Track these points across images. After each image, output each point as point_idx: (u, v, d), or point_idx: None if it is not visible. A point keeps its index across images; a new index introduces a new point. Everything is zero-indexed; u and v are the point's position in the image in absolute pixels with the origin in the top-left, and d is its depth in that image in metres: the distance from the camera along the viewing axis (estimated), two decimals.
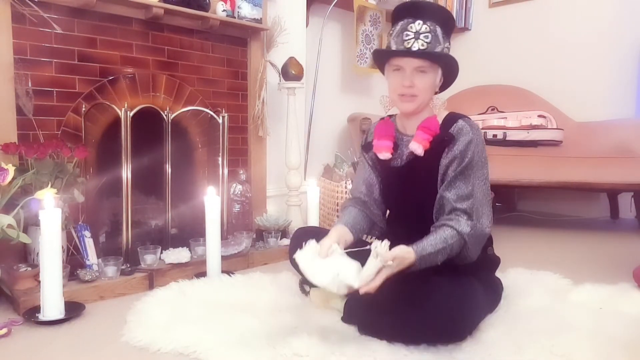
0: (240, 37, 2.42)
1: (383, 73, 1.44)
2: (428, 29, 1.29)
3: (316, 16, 2.99)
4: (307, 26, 2.87)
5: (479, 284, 1.34)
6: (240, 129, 2.48)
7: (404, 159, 1.42)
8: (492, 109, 3.18)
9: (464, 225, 1.28)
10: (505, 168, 2.72)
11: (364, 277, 1.13)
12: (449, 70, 1.37)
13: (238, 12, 2.30)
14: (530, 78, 3.41)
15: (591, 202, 3.33)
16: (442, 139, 1.34)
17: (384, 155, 1.43)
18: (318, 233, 1.40)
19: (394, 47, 1.33)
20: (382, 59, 1.41)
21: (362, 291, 1.14)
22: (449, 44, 1.35)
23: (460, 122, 1.34)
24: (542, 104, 3.20)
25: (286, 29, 2.46)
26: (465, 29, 3.78)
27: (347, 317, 1.36)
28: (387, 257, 1.14)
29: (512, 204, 3.58)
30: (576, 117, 3.18)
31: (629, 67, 3.13)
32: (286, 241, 2.21)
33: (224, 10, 2.23)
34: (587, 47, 3.27)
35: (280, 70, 2.47)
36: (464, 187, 1.31)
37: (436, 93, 1.41)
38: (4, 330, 1.32)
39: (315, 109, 2.94)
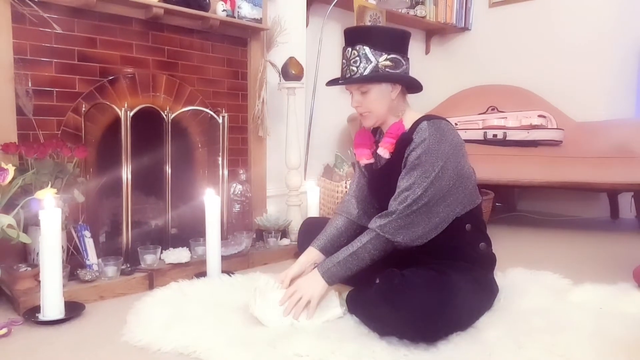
0: (240, 37, 2.42)
1: None
2: (356, 54, 1.37)
3: (316, 16, 2.99)
4: (307, 26, 2.88)
5: (470, 283, 1.34)
6: (240, 129, 2.48)
7: (381, 162, 1.50)
8: (492, 109, 3.18)
9: (380, 219, 1.35)
10: (505, 168, 2.72)
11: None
12: (393, 80, 1.40)
13: (238, 12, 2.30)
14: (530, 78, 3.41)
15: (591, 202, 3.33)
16: (404, 140, 1.39)
17: (364, 161, 1.55)
18: (325, 224, 1.59)
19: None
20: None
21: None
22: (393, 53, 1.38)
23: (422, 124, 1.37)
24: (542, 104, 3.20)
25: (286, 29, 2.46)
26: (465, 29, 3.78)
27: (351, 308, 1.42)
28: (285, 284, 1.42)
29: (512, 204, 3.59)
30: (576, 117, 3.18)
31: (629, 67, 3.13)
32: (286, 241, 2.23)
33: (224, 10, 2.23)
34: (587, 47, 3.27)
35: (280, 70, 2.47)
36: (405, 183, 1.36)
37: (412, 92, 1.48)
38: (4, 330, 1.32)
39: (315, 109, 2.94)
